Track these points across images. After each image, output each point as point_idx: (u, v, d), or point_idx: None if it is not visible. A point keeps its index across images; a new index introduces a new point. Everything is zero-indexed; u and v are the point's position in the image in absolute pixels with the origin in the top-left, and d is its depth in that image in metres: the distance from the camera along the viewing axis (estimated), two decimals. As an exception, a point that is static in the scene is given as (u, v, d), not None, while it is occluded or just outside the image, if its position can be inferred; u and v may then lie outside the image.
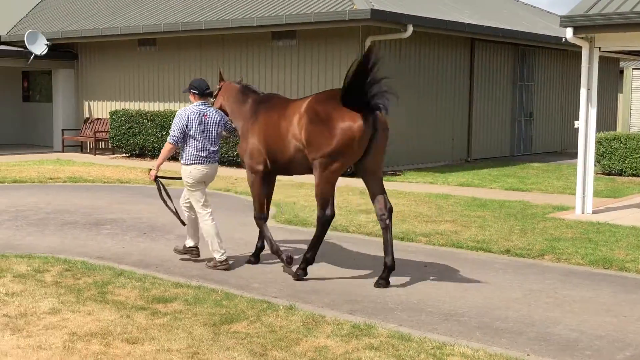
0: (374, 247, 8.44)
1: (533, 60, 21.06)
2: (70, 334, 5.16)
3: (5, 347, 4.90)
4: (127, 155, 19.27)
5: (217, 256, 7.36)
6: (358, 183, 9.80)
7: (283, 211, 10.66)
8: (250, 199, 8.19)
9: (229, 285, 6.66)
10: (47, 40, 20.22)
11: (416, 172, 16.10)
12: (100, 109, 20.88)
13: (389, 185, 13.90)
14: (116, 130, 19.01)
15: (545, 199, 12.14)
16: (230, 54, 17.78)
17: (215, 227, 7.47)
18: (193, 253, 7.73)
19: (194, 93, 7.66)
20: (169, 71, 19.09)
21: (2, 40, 20.99)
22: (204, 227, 7.47)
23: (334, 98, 6.93)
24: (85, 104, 21.26)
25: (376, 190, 7.15)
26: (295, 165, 7.24)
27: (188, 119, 7.38)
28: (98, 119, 20.64)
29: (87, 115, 21.18)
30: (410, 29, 15.30)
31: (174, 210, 7.77)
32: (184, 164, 7.45)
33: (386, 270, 6.77)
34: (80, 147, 21.26)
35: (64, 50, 21.09)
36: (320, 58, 16.16)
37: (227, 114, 7.84)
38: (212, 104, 7.90)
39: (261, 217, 7.65)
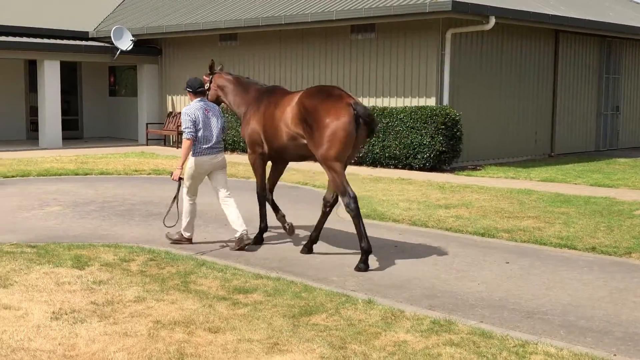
0: (454, 243, 8.34)
1: (620, 53, 20.34)
2: (154, 322, 5.29)
3: (92, 333, 5.06)
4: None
5: (186, 234, 8.22)
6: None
7: (360, 205, 10.61)
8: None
9: (308, 278, 6.70)
10: (133, 36, 20.78)
11: (497, 167, 15.80)
12: (183, 103, 21.32)
13: (470, 179, 13.71)
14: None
15: (632, 195, 11.71)
16: (309, 48, 17.87)
17: (193, 209, 8.21)
18: (183, 242, 8.24)
19: (189, 92, 8.24)
20: (250, 65, 19.33)
21: (90, 36, 21.69)
22: (185, 206, 8.21)
23: (322, 92, 7.58)
24: (169, 98, 21.77)
25: None
26: (288, 151, 7.96)
27: (195, 115, 7.96)
28: (180, 112, 21.09)
29: (170, 109, 21.68)
30: (493, 20, 15.01)
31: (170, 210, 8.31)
32: (191, 155, 8.04)
33: (363, 255, 7.18)
34: (164, 141, 21.79)
35: (148, 46, 21.64)
36: (399, 51, 16.04)
37: (219, 103, 8.73)
38: (207, 96, 8.59)
39: (263, 193, 8.35)
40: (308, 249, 7.82)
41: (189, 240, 8.25)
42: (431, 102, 15.53)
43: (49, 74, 19.73)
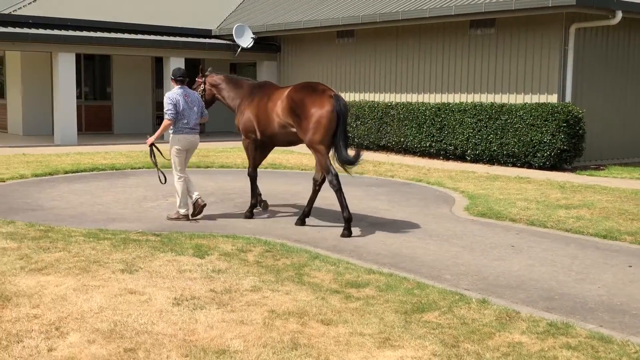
0: (574, 245, 8.07)
1: None
2: (269, 312, 5.44)
3: (211, 319, 5.26)
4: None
5: (182, 211, 9.15)
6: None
7: (476, 204, 10.47)
8: (440, 188, 11.47)
9: (421, 275, 6.68)
10: (253, 33, 21.31)
11: (622, 167, 15.14)
12: (300, 99, 21.66)
13: (592, 179, 13.20)
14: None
15: None
16: (426, 44, 17.73)
17: (183, 186, 9.17)
18: (181, 219, 9.18)
19: (172, 79, 9.33)
20: (366, 62, 19.40)
21: (213, 34, 22.41)
22: (176, 185, 9.23)
23: (308, 87, 8.81)
24: (286, 94, 22.16)
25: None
26: (278, 138, 9.23)
27: (175, 99, 9.08)
28: (297, 108, 21.45)
29: (287, 105, 22.08)
30: (619, 15, 14.39)
31: (158, 169, 9.53)
32: (173, 134, 9.19)
33: (346, 223, 8.38)
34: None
35: (267, 43, 22.14)
36: (520, 47, 15.65)
37: (214, 101, 10.16)
38: (204, 95, 10.00)
39: (254, 174, 9.65)
40: (301, 222, 8.99)
41: (186, 217, 9.16)
42: (552, 99, 15.06)
43: (174, 70, 20.52)
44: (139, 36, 20.38)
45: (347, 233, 8.34)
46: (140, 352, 4.63)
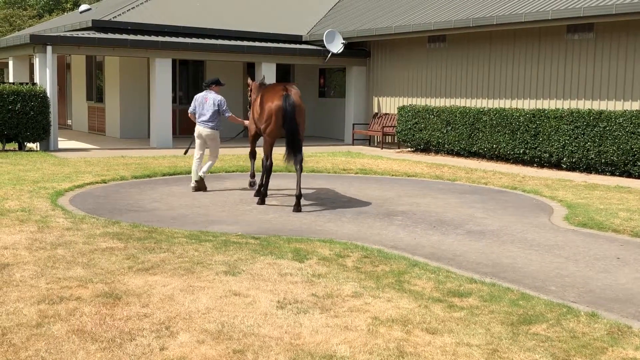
0: (684, 258, 7.74)
1: None
2: (372, 318, 5.43)
3: (315, 324, 5.29)
4: (412, 149, 19.75)
5: (191, 183, 11.91)
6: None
7: (576, 213, 10.18)
8: (537, 196, 11.70)
9: (524, 286, 6.53)
10: (343, 39, 21.40)
11: None
12: (389, 104, 21.63)
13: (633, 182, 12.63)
14: (403, 125, 19.58)
15: None
16: (520, 49, 17.38)
17: (195, 166, 11.88)
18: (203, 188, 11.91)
19: (203, 85, 12.00)
20: (457, 67, 19.18)
21: (303, 39, 22.63)
22: (193, 163, 11.98)
23: (273, 85, 10.89)
24: (375, 99, 22.17)
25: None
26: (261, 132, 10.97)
27: (197, 99, 11.76)
28: (386, 114, 21.41)
29: (375, 110, 22.08)
30: None
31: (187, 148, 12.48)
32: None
33: (296, 199, 10.21)
34: (368, 141, 22.23)
35: (357, 49, 22.19)
36: (620, 52, 15.15)
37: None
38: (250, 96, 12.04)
39: (266, 162, 10.87)
40: (297, 207, 10.25)
41: (193, 188, 11.81)
42: (655, 105, 14.50)
43: (266, 75, 20.83)
44: (232, 42, 20.79)
45: (296, 208, 10.14)
46: (249, 354, 4.70)
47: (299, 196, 10.20)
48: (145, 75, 22.26)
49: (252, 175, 12.30)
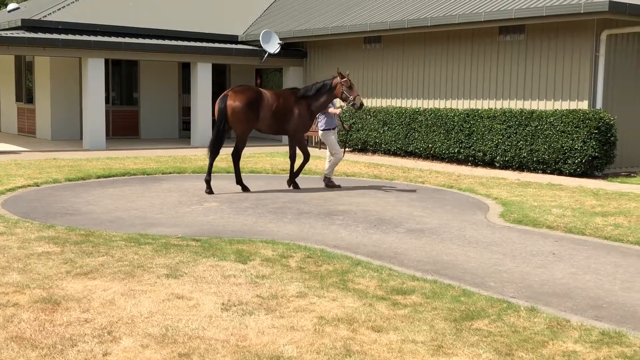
0: (615, 253, 8.01)
1: None
2: (318, 318, 5.43)
3: (261, 325, 5.26)
4: (350, 150, 19.86)
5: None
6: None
7: (511, 211, 10.42)
8: (472, 194, 11.73)
9: (465, 282, 6.65)
10: (280, 39, 21.37)
11: (654, 174, 15.01)
12: (327, 105, 21.68)
13: (625, 187, 13.08)
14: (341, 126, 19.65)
15: None
16: (454, 50, 17.69)
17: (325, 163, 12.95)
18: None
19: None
20: (393, 68, 19.39)
21: (239, 40, 22.50)
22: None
23: (240, 88, 12.17)
24: (312, 99, 22.18)
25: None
26: None
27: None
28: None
29: (313, 110, 22.09)
30: (653, 21, 14.28)
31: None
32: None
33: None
34: (307, 141, 22.23)
35: (294, 49, 22.19)
36: (550, 53, 15.58)
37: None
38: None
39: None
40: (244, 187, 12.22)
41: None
42: (583, 105, 14.97)
43: (202, 76, 20.66)
44: (167, 42, 20.51)
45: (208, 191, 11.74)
46: (195, 357, 4.65)
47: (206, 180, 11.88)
48: (77, 76, 21.75)
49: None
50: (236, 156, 12.14)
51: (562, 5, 14.41)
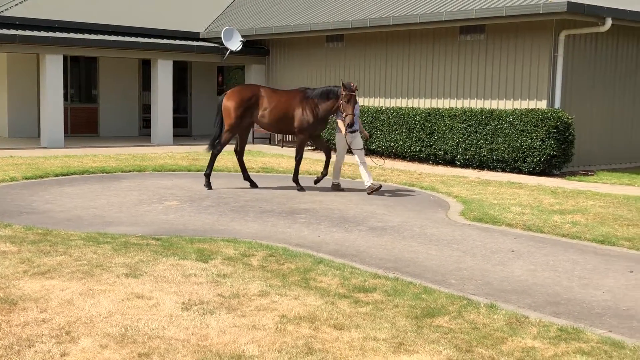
0: (573, 250, 8.14)
1: None
2: (280, 316, 5.42)
3: (222, 324, 5.23)
4: (313, 148, 19.86)
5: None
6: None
7: (471, 209, 10.52)
8: (433, 193, 11.73)
9: (426, 280, 6.69)
10: (242, 36, 21.27)
11: (610, 172, 15.30)
12: (289, 102, 21.63)
13: (582, 185, 13.31)
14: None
15: None
16: (416, 49, 17.80)
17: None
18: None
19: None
20: (355, 66, 19.44)
21: (201, 37, 22.33)
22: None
23: (240, 87, 12.70)
24: (274, 98, 22.12)
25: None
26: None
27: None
28: (285, 112, 21.41)
29: (275, 108, 22.03)
30: (609, 22, 14.54)
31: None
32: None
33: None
34: (269, 140, 22.19)
35: (256, 46, 22.10)
36: (509, 53, 15.76)
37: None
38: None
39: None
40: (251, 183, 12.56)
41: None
42: (542, 104, 15.18)
43: (162, 73, 20.46)
44: (127, 38, 20.26)
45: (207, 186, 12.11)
46: (155, 357, 4.60)
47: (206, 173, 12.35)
48: (35, 72, 21.37)
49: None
50: (214, 150, 12.57)
51: (522, 6, 14.59)
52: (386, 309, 5.67)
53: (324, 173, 12.56)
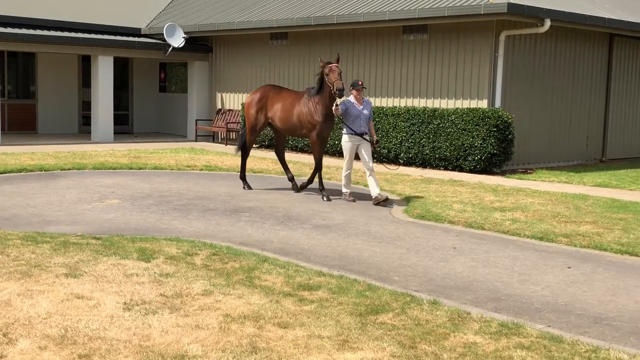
0: (513, 247, 8.30)
1: (677, 57, 19.96)
2: (224, 316, 5.37)
3: (165, 324, 5.16)
4: (257, 146, 19.78)
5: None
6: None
7: (414, 206, 10.63)
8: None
9: (370, 277, 6.73)
10: (184, 33, 21.03)
11: (548, 170, 15.66)
12: (232, 100, 21.53)
13: (522, 183, 13.58)
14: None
15: (691, 203, 11.50)
16: (360, 48, 17.89)
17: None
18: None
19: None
20: (300, 64, 19.42)
21: (142, 33, 22.01)
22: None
23: (261, 87, 12.48)
24: (218, 95, 21.99)
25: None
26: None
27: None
28: (230, 110, 21.30)
29: (219, 106, 21.90)
30: (548, 23, 14.86)
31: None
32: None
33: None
34: (212, 137, 22.02)
35: (199, 43, 21.89)
36: (451, 52, 15.98)
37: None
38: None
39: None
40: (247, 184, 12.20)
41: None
42: (483, 104, 15.44)
43: (103, 69, 20.08)
44: (66, 34, 19.82)
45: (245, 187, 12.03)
46: (96, 358, 4.51)
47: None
48: (-30, 67, 20.73)
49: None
50: (243, 149, 12.37)
51: (463, 6, 14.80)
52: (331, 307, 5.68)
53: (310, 179, 11.94)
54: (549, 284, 6.69)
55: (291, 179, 12.18)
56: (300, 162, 16.03)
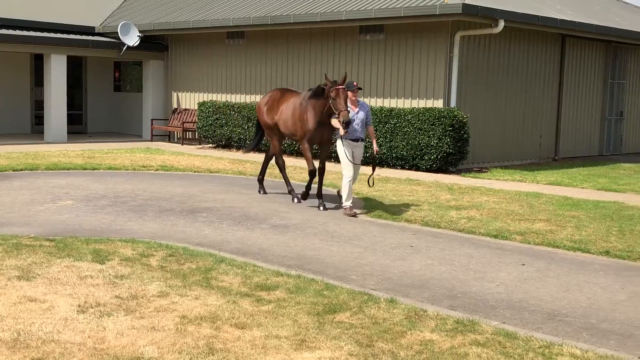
0: (468, 244, 8.40)
1: (626, 58, 20.44)
2: (180, 317, 5.33)
3: (120, 327, 5.09)
4: (214, 145, 19.67)
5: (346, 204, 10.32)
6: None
7: (372, 205, 10.67)
8: (335, 189, 10.02)
9: (328, 276, 6.74)
10: (139, 32, 20.78)
11: (503, 169, 15.88)
12: (189, 100, 21.36)
13: (477, 182, 13.75)
14: (204, 121, 19.41)
15: (641, 200, 11.79)
16: (317, 48, 17.90)
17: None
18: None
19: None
20: (257, 64, 19.36)
21: (96, 31, 21.69)
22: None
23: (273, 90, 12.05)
24: (174, 94, 21.79)
25: None
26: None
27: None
28: (186, 109, 21.12)
29: (175, 105, 21.70)
30: (502, 24, 15.07)
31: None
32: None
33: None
34: (168, 137, 21.81)
35: (155, 42, 21.66)
36: (407, 53, 16.09)
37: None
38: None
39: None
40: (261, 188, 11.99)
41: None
42: (439, 103, 15.59)
43: (56, 68, 19.73)
44: (18, 32, 19.42)
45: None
46: (49, 362, 4.43)
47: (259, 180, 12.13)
48: None
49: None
50: (266, 154, 12.34)
51: (419, 7, 14.91)
52: (288, 307, 5.67)
53: (308, 187, 11.14)
54: (503, 281, 6.78)
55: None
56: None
